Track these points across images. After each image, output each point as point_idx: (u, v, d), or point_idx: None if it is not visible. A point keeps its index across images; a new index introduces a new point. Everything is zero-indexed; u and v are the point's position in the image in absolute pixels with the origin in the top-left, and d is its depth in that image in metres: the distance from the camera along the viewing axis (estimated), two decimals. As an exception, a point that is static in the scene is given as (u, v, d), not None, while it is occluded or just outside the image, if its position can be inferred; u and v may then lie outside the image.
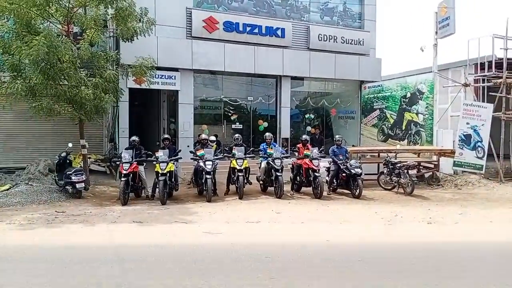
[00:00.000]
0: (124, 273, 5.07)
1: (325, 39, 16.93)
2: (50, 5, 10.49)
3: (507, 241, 6.84)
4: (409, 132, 16.14)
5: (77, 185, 10.21)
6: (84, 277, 4.93)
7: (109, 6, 10.90)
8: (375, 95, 17.86)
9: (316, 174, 10.79)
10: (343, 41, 17.22)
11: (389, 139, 17.00)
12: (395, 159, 12.44)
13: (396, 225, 7.85)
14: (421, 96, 15.64)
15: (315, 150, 11.30)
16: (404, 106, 16.44)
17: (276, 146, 12.05)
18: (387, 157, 12.33)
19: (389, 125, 17.14)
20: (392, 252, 6.11)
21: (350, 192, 11.26)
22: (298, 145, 11.97)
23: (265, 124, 17.11)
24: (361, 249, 6.17)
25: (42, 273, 5.05)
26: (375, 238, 6.98)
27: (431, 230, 7.56)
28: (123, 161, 10.01)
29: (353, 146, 16.32)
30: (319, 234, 7.11)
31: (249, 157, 11.35)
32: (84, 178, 10.48)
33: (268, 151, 11.35)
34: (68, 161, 11.36)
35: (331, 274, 5.09)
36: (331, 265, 5.42)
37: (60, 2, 10.63)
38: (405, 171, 11.38)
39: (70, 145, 11.40)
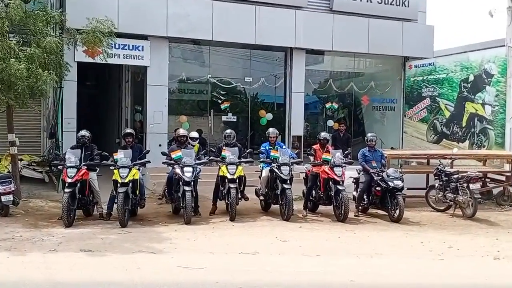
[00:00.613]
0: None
1: (355, -3, 17.11)
2: None
3: None
4: (472, 130, 16.19)
5: (3, 198, 10.30)
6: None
7: None
8: (425, 77, 17.93)
9: (339, 187, 10.86)
10: (380, 1, 17.54)
11: (444, 139, 17.07)
12: (451, 168, 12.53)
13: (449, 260, 7.90)
14: (489, 80, 15.69)
15: (338, 153, 11.37)
16: (465, 93, 16.48)
17: (284, 147, 12.16)
18: (439, 165, 12.40)
19: (444, 120, 17.20)
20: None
21: (386, 213, 11.35)
22: (314, 147, 12.06)
23: (269, 116, 17.30)
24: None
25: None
26: (420, 278, 7.03)
27: (499, 268, 7.61)
28: (68, 165, 10.08)
29: (392, 148, 16.41)
30: (340, 271, 7.18)
31: (246, 162, 11.45)
32: (13, 188, 10.56)
33: (272, 154, 11.42)
34: (-10, 164, 11.51)
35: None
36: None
37: None
38: (465, 185, 11.42)
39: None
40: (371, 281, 6.81)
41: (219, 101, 16.98)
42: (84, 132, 10.83)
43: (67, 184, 9.97)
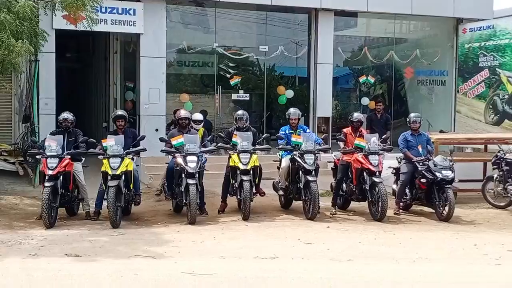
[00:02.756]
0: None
1: None
2: None
3: None
4: (540, 109, 16.30)
5: (-29, 195, 10.67)
6: None
7: None
8: (482, 43, 17.97)
9: (376, 179, 11.10)
10: None
11: (506, 120, 17.17)
12: (514, 155, 12.70)
13: (508, 266, 8.09)
14: (562, 46, 15.77)
15: (374, 138, 11.60)
16: (532, 64, 16.56)
17: (308, 131, 12.38)
18: (499, 152, 12.58)
19: (506, 97, 17.28)
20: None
21: (433, 211, 11.57)
22: (345, 130, 12.31)
23: (290, 93, 17.56)
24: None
25: None
26: (471, 287, 7.24)
27: None
28: (48, 154, 10.36)
29: (441, 132, 16.54)
30: (377, 279, 7.38)
31: (261, 149, 11.72)
32: (-17, 183, 10.93)
33: (293, 139, 11.67)
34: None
35: None
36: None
37: None
38: (530, 176, 11.62)
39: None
40: (414, 290, 7.05)
41: (228, 76, 17.20)
42: (66, 115, 11.10)
43: (47, 177, 10.23)
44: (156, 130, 14.69)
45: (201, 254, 8.49)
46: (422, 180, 11.52)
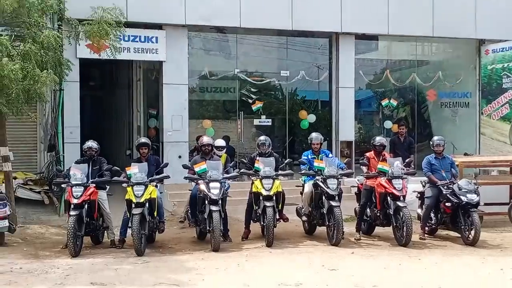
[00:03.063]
0: None
1: (416, -33, 17.29)
2: None
3: None
4: None
5: (-3, 224, 10.73)
6: None
7: None
8: (506, 64, 17.93)
9: (400, 203, 11.08)
10: (447, -30, 17.54)
11: (532, 142, 17.08)
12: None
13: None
14: None
15: (398, 162, 11.60)
16: (558, 84, 16.50)
17: (330, 155, 12.43)
18: (525, 175, 12.51)
19: (532, 118, 17.22)
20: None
21: (459, 235, 11.52)
22: (368, 154, 12.32)
23: (312, 117, 17.66)
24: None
25: None
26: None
27: None
28: (73, 182, 10.51)
29: (465, 155, 16.45)
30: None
31: (284, 175, 11.78)
32: (9, 212, 10.94)
33: (315, 164, 11.71)
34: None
35: None
36: None
37: None
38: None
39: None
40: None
41: (250, 101, 17.30)
42: (91, 143, 11.25)
43: (72, 206, 10.33)
44: (179, 157, 14.80)
45: (225, 282, 8.55)
46: (447, 204, 11.49)
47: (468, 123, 18.90)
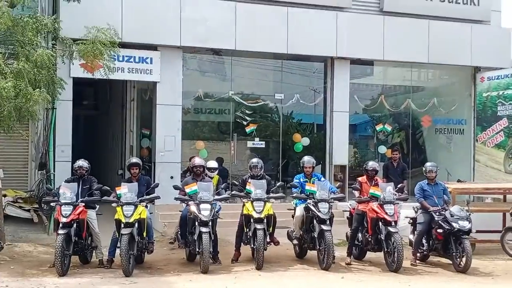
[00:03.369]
0: None
1: (410, -5, 17.49)
2: None
3: None
4: (561, 157, 16.29)
5: (-15, 242, 10.78)
6: None
7: None
8: (501, 92, 18.08)
9: (391, 229, 11.07)
10: (442, -2, 17.74)
11: (526, 169, 17.16)
12: (533, 205, 12.69)
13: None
14: None
15: (390, 187, 11.63)
16: (552, 112, 16.63)
17: (322, 179, 12.42)
18: (518, 202, 12.56)
19: (526, 146, 17.32)
20: None
21: (450, 262, 11.49)
22: (360, 179, 12.37)
23: (306, 141, 17.70)
24: None
25: None
26: None
27: None
28: (62, 201, 10.51)
29: (458, 181, 16.53)
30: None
31: (275, 198, 11.74)
32: (-3, 230, 11.05)
33: (307, 187, 11.74)
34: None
35: None
36: None
37: None
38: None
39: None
40: None
41: (244, 123, 17.35)
42: (81, 163, 11.27)
43: (61, 225, 10.33)
44: (171, 177, 14.80)
45: (213, 304, 8.57)
46: (438, 230, 11.48)
47: (463, 150, 19.02)
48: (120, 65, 14.66)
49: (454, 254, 11.32)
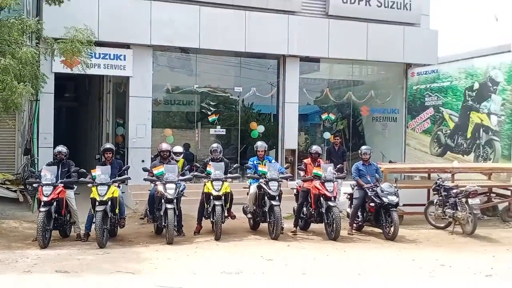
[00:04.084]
0: None
1: (352, 1, 17.71)
2: None
3: None
4: (477, 142, 16.70)
5: (-25, 219, 10.76)
6: None
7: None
8: (428, 85, 18.49)
9: (331, 203, 11.33)
10: (380, 4, 18.07)
11: (448, 152, 17.59)
12: (452, 182, 13.05)
13: (439, 278, 8.39)
14: (494, 88, 16.23)
15: (330, 167, 11.90)
16: (470, 103, 17.02)
17: (272, 161, 12.63)
18: (438, 180, 12.90)
19: (448, 132, 17.73)
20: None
21: (381, 231, 11.84)
22: (305, 161, 12.61)
23: (261, 128, 17.83)
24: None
25: None
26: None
27: (490, 286, 8.12)
28: (43, 182, 10.54)
29: (390, 162, 16.90)
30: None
31: (232, 177, 11.95)
32: (-14, 208, 11.03)
33: (260, 169, 11.92)
34: (-39, 182, 11.99)
35: None
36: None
37: None
38: (464, 200, 11.93)
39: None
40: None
41: (208, 113, 17.42)
42: (60, 148, 11.30)
43: (42, 203, 10.37)
44: (142, 161, 14.78)
45: (175, 270, 8.68)
46: (371, 204, 11.78)
47: (396, 135, 19.39)
48: (97, 61, 14.60)
49: (384, 224, 11.67)
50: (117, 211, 10.97)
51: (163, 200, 10.92)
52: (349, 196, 12.73)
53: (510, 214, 13.79)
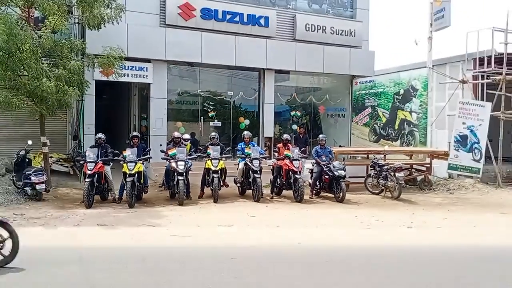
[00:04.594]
0: (86, 274, 5.69)
1: (313, 29, 17.64)
2: (9, -11, 10.92)
3: (481, 244, 7.61)
4: (402, 132, 16.93)
5: (37, 186, 10.65)
6: (46, 277, 5.54)
7: (74, -9, 11.30)
8: (367, 91, 18.64)
9: (297, 176, 11.44)
10: (332, 32, 17.94)
11: (381, 139, 17.78)
12: (384, 161, 13.24)
13: (374, 229, 8.57)
14: (415, 93, 16.45)
15: (296, 150, 11.98)
16: (397, 103, 17.23)
17: (255, 145, 12.69)
18: (374, 159, 13.07)
19: (381, 124, 17.92)
20: (359, 254, 6.85)
21: (333, 196, 11.96)
22: (278, 145, 12.64)
23: (247, 121, 17.74)
24: (330, 251, 6.89)
25: None
26: (347, 241, 7.70)
27: (409, 234, 8.31)
28: (88, 160, 10.55)
29: (340, 146, 17.04)
30: (292, 237, 7.80)
31: (226, 157, 11.98)
32: (45, 179, 10.91)
33: (246, 151, 11.99)
34: (27, 160, 11.83)
35: (295, 274, 5.79)
36: (297, 266, 6.13)
37: (21, -15, 11.03)
38: (392, 173, 12.10)
39: (29, 142, 11.87)
40: (313, 243, 7.45)
41: (208, 110, 17.39)
42: (100, 135, 11.28)
43: (87, 175, 10.41)
44: (160, 145, 14.67)
45: (185, 224, 8.78)
46: (326, 176, 11.92)
47: (344, 127, 19.44)
48: (126, 72, 14.41)
49: (335, 191, 11.82)
50: (142, 181, 10.99)
51: (175, 173, 10.95)
52: (310, 171, 12.80)
53: (425, 184, 14.03)
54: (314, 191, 12.34)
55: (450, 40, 18.95)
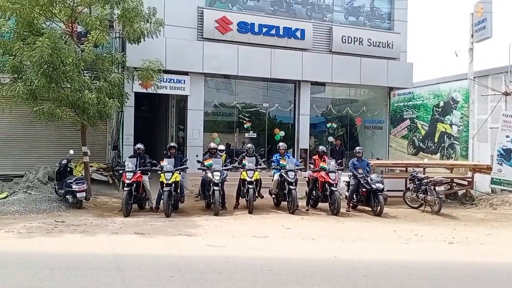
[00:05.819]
0: (123, 281, 5.73)
1: (349, 41, 17.51)
2: (54, 5, 11.24)
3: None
4: (442, 145, 16.47)
5: (78, 195, 10.93)
6: (83, 283, 5.62)
7: (116, 6, 11.51)
8: (405, 103, 18.28)
9: (333, 188, 11.29)
10: (369, 44, 17.77)
11: (420, 152, 17.34)
12: (423, 174, 12.88)
13: (413, 244, 8.28)
14: (455, 105, 16.00)
15: (332, 162, 11.82)
16: (437, 116, 16.80)
17: (290, 157, 12.58)
18: (413, 172, 12.74)
19: (420, 137, 17.51)
20: (398, 270, 6.60)
21: (371, 209, 11.71)
22: (314, 157, 12.54)
23: (282, 133, 17.69)
24: (367, 266, 6.68)
25: (41, 278, 5.75)
26: (386, 256, 7.46)
27: (450, 250, 7.98)
28: (126, 170, 10.73)
29: (377, 159, 16.71)
30: (328, 250, 7.64)
31: (261, 168, 11.94)
32: (85, 187, 11.20)
33: (281, 162, 11.93)
34: (68, 169, 12.15)
35: (331, 287, 5.64)
36: (334, 280, 5.97)
37: (65, 2, 11.35)
38: (432, 187, 11.76)
39: (71, 152, 12.20)
40: (350, 257, 7.25)
41: (243, 122, 17.44)
42: (139, 145, 11.48)
43: (126, 184, 10.60)
44: (197, 155, 14.85)
45: (220, 234, 8.77)
46: (363, 189, 11.74)
47: (381, 139, 19.12)
48: (164, 84, 14.71)
49: (372, 204, 11.60)
50: (178, 191, 11.08)
51: (211, 184, 11.00)
52: (347, 183, 12.62)
53: (466, 199, 13.59)
54: (351, 204, 12.14)
55: (492, 52, 18.44)
